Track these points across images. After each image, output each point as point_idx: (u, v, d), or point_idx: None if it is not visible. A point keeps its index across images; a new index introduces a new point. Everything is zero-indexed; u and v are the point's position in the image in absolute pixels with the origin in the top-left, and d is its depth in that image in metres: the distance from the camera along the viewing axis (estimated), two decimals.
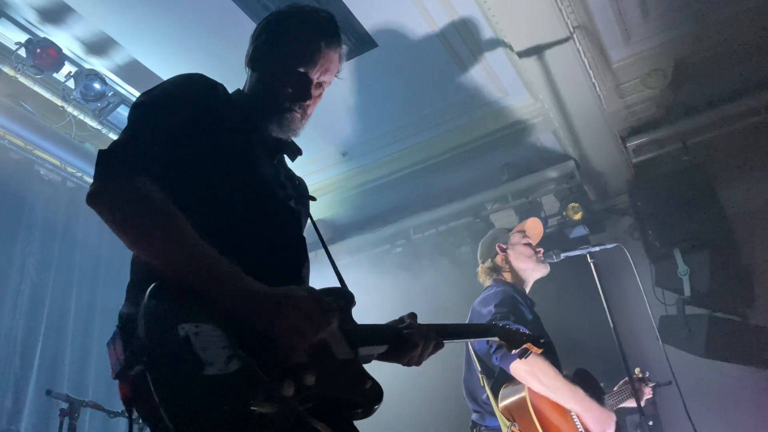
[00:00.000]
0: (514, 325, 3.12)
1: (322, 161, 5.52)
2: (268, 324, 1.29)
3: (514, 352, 2.22)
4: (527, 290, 3.75)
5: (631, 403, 3.47)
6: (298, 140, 1.92)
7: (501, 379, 3.31)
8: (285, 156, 1.90)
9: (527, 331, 2.34)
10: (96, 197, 1.40)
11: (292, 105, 1.76)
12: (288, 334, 1.28)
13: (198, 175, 1.53)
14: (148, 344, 1.18)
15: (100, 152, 1.45)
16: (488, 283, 3.77)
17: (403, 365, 1.77)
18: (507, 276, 3.74)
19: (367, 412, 1.40)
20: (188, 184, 1.50)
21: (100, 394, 4.50)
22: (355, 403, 1.39)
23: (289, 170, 1.92)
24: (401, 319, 1.78)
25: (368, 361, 1.65)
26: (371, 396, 1.42)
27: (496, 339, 2.17)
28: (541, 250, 3.73)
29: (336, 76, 1.88)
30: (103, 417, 3.85)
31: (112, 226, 1.38)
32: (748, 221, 4.96)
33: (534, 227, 3.89)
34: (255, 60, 1.82)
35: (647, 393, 3.60)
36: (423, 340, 1.70)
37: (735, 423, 4.64)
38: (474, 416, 3.47)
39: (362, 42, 4.16)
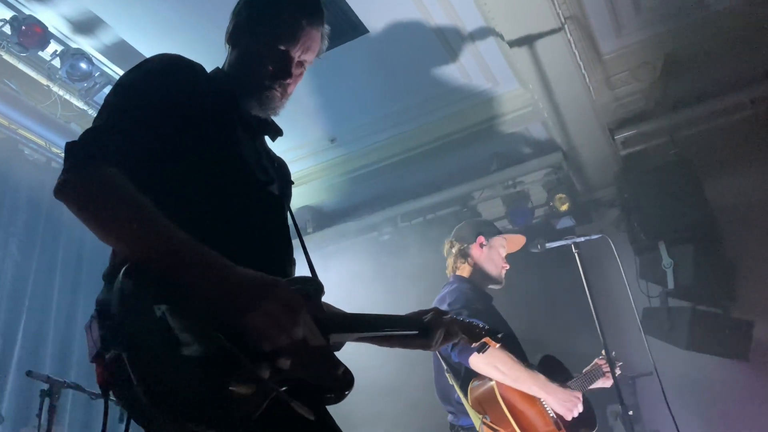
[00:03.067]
0: (467, 319, 3.17)
1: (310, 147, 5.50)
2: (240, 316, 1.27)
3: (473, 345, 2.27)
4: (484, 285, 3.76)
5: (601, 384, 3.52)
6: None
7: (468, 375, 3.33)
8: (266, 137, 1.87)
9: (485, 326, 2.38)
10: (62, 189, 1.36)
11: (272, 83, 1.73)
12: (262, 327, 1.27)
13: (178, 159, 1.50)
14: (124, 324, 1.17)
15: (68, 144, 1.40)
16: (449, 274, 3.81)
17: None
18: (466, 269, 3.76)
19: (339, 397, 1.40)
20: (167, 170, 1.48)
21: (83, 376, 4.48)
22: (328, 387, 1.40)
23: (270, 151, 1.89)
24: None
25: (338, 348, 1.68)
26: (344, 382, 1.42)
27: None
28: (508, 266, 3.77)
29: (317, 56, 1.85)
30: (84, 398, 3.85)
31: (80, 217, 1.35)
32: (733, 216, 5.00)
33: (515, 243, 3.89)
34: (235, 36, 1.79)
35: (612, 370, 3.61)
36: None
37: (714, 414, 4.71)
38: (449, 417, 3.50)
39: (353, 28, 4.13)
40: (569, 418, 3.23)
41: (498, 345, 2.30)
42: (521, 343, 3.57)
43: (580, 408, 3.24)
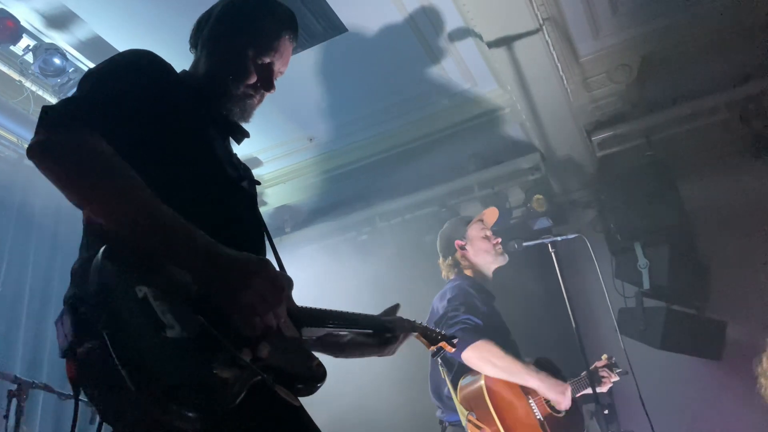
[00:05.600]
0: (463, 315, 3.22)
1: (288, 146, 5.46)
2: (231, 293, 1.27)
3: (431, 349, 2.32)
4: (489, 279, 3.80)
5: (598, 389, 3.55)
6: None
7: (460, 371, 3.37)
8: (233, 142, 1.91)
9: (441, 331, 2.42)
10: (39, 148, 1.33)
11: (255, 92, 1.79)
12: (252, 302, 1.27)
13: (146, 148, 1.49)
14: (105, 304, 1.16)
15: (45, 106, 1.37)
16: (452, 276, 3.84)
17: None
18: (468, 271, 3.80)
19: (311, 389, 1.42)
20: (135, 156, 1.44)
21: (55, 376, 4.41)
22: (302, 378, 1.41)
23: (236, 155, 1.92)
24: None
25: (308, 343, 1.71)
26: (317, 373, 1.45)
27: (416, 335, 2.22)
28: (499, 240, 3.80)
29: None
30: (55, 399, 3.78)
31: (56, 178, 1.31)
32: (707, 217, 5.06)
33: (490, 216, 3.96)
34: (212, 43, 1.82)
35: (612, 378, 3.66)
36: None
37: (688, 413, 4.76)
38: (438, 413, 3.53)
39: (332, 26, 4.11)
40: (562, 407, 3.32)
41: (453, 350, 2.37)
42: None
43: (569, 399, 3.32)
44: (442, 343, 2.33)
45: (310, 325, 1.68)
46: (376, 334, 1.96)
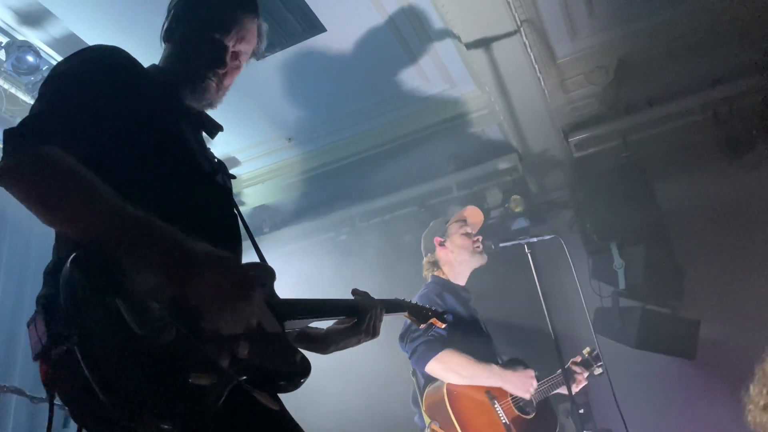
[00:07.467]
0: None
1: (267, 145, 5.44)
2: (185, 286, 1.26)
3: (422, 326, 2.36)
4: (464, 281, 3.81)
5: (565, 390, 3.57)
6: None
7: (429, 379, 3.38)
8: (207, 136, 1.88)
9: (432, 307, 2.45)
10: (4, 174, 1.34)
11: (207, 72, 1.75)
12: (206, 297, 1.26)
13: (118, 146, 1.48)
14: (76, 316, 1.13)
15: (6, 130, 1.39)
16: (428, 277, 3.85)
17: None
18: (445, 270, 3.81)
19: (295, 384, 1.40)
20: (108, 155, 1.45)
21: (28, 380, 4.34)
22: (285, 374, 1.39)
23: (209, 150, 1.89)
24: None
25: (292, 336, 1.69)
26: (300, 368, 1.43)
27: (406, 314, 2.26)
28: (480, 238, 3.82)
29: (257, 53, 1.88)
30: (27, 403, 3.72)
31: (23, 199, 1.32)
32: (682, 218, 5.12)
33: (474, 215, 3.97)
34: (170, 31, 1.81)
35: (585, 374, 3.66)
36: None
37: (663, 410, 4.82)
38: (415, 417, 3.54)
39: (311, 26, 4.10)
40: (529, 397, 3.36)
41: (444, 325, 2.39)
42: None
43: (534, 383, 3.37)
44: (433, 320, 2.33)
45: (294, 317, 1.67)
46: (348, 319, 1.95)
